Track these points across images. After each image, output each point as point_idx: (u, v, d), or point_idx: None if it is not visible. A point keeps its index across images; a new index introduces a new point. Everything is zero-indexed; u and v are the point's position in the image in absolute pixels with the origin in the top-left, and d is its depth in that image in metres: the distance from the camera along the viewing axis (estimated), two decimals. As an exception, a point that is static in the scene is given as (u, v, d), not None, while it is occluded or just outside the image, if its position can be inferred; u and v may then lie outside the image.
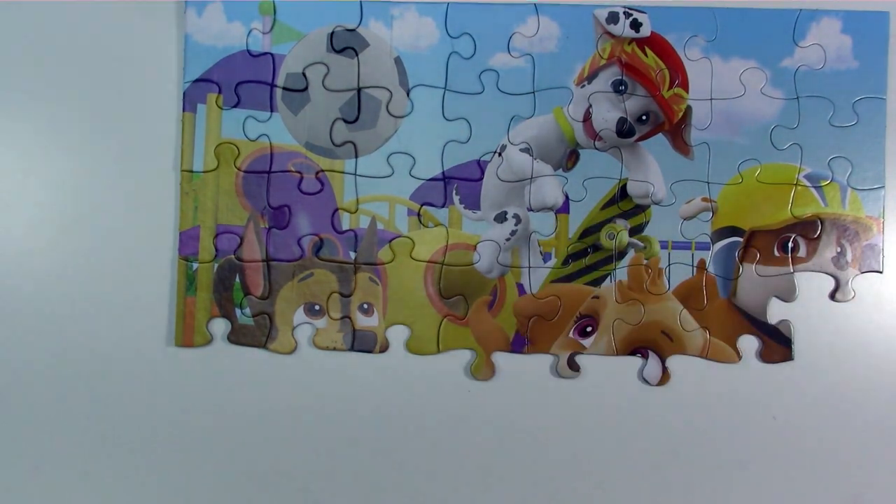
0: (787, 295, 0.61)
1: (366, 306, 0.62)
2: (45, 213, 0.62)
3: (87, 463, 0.62)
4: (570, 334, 0.62)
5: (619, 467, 0.61)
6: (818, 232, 0.61)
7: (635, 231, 0.62)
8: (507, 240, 0.62)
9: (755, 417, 0.61)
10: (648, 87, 0.61)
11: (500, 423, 0.62)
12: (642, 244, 0.62)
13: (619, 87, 0.62)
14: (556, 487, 0.61)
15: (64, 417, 0.62)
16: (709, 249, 0.61)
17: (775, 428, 0.61)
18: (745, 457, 0.61)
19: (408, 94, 0.62)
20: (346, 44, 0.62)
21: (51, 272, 0.62)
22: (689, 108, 0.62)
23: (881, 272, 0.61)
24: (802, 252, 0.61)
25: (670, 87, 0.61)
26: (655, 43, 0.62)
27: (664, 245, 0.62)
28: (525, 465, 0.61)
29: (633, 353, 0.61)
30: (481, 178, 0.62)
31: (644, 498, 0.61)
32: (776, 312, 0.61)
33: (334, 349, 0.62)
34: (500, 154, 0.62)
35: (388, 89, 0.62)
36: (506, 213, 0.62)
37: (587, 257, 0.62)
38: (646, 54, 0.61)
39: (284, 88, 0.62)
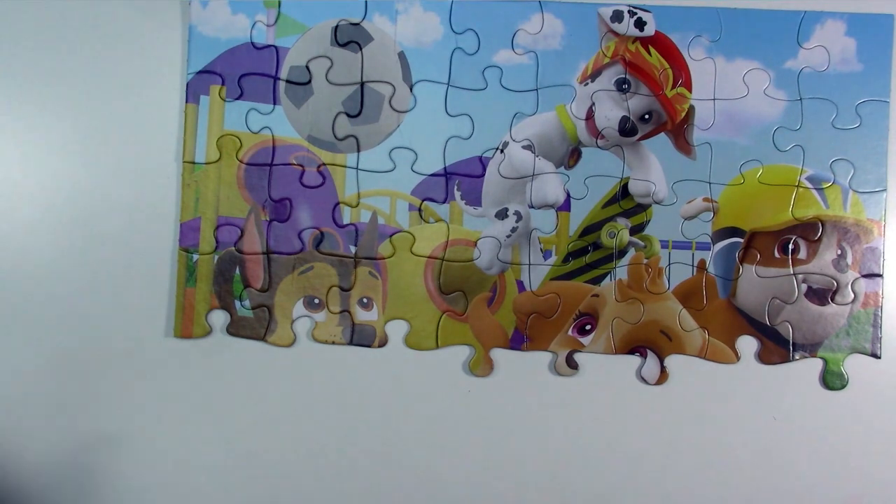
0: (787, 296, 0.61)
1: (365, 300, 0.62)
2: (47, 204, 0.63)
3: (85, 453, 0.62)
4: (569, 332, 0.62)
5: (616, 465, 0.61)
6: (819, 234, 0.61)
7: (636, 230, 0.62)
8: (508, 236, 0.62)
9: (752, 418, 0.61)
10: (652, 87, 0.62)
11: (498, 419, 0.62)
12: (643, 243, 0.62)
13: (622, 86, 0.62)
14: (553, 484, 0.61)
15: (63, 407, 0.62)
16: (709, 249, 0.61)
17: (772, 429, 0.61)
18: (742, 457, 0.61)
19: (411, 90, 0.62)
20: (350, 38, 0.62)
21: (52, 262, 0.62)
22: (691, 108, 0.62)
23: (881, 275, 0.61)
24: (803, 254, 0.61)
25: (673, 87, 0.61)
26: (659, 42, 0.62)
27: (664, 244, 0.62)
28: (521, 462, 0.61)
29: (631, 352, 0.61)
30: (483, 175, 0.62)
31: (640, 496, 0.61)
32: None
33: (333, 343, 0.62)
34: (502, 151, 0.62)
35: (392, 84, 0.62)
36: (507, 209, 0.62)
37: (587, 255, 0.62)
38: (650, 53, 0.61)
39: (288, 81, 0.62)
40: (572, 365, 0.61)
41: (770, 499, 0.61)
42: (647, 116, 0.62)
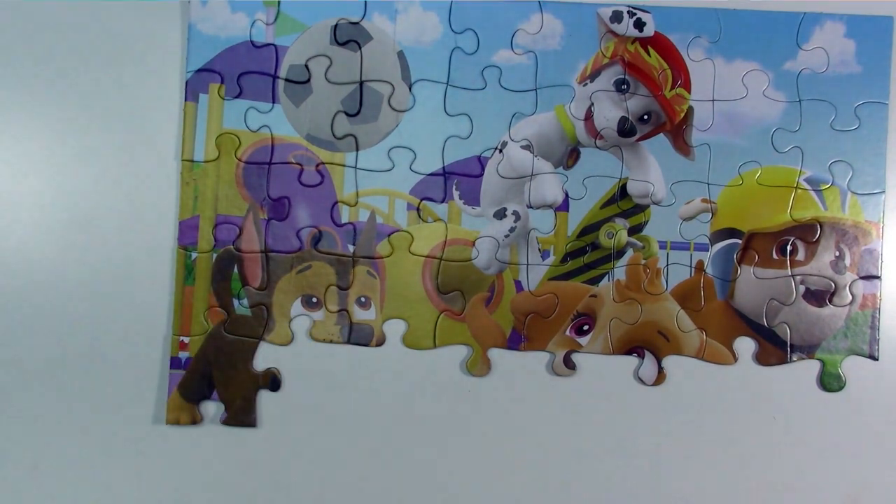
0: (785, 298, 0.61)
1: (363, 300, 0.62)
2: (47, 202, 0.63)
3: (88, 450, 0.62)
4: (567, 332, 0.62)
5: (613, 466, 0.61)
6: (817, 236, 0.61)
7: (634, 230, 0.62)
8: (506, 236, 0.62)
9: (750, 420, 0.61)
10: (651, 87, 0.61)
11: (495, 419, 0.62)
12: (641, 244, 0.62)
13: (621, 87, 0.62)
14: (550, 485, 0.61)
15: (63, 405, 0.62)
16: (707, 250, 0.61)
17: (769, 430, 0.61)
18: (738, 459, 0.61)
19: (410, 89, 0.62)
20: (349, 37, 0.62)
21: (51, 260, 0.62)
22: (690, 109, 0.62)
23: (879, 277, 0.61)
24: (801, 255, 0.61)
25: (672, 88, 0.61)
26: (658, 43, 0.62)
27: (663, 245, 0.62)
28: (518, 462, 0.61)
29: (629, 352, 0.61)
30: (481, 175, 0.62)
31: (637, 497, 0.61)
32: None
33: (331, 342, 0.62)
34: (500, 150, 0.62)
35: (391, 83, 0.62)
36: (505, 209, 0.62)
37: (585, 256, 0.62)
38: (649, 54, 0.61)
39: (287, 80, 0.62)
40: (570, 365, 0.61)
41: (767, 500, 0.61)
42: (645, 117, 0.62)
